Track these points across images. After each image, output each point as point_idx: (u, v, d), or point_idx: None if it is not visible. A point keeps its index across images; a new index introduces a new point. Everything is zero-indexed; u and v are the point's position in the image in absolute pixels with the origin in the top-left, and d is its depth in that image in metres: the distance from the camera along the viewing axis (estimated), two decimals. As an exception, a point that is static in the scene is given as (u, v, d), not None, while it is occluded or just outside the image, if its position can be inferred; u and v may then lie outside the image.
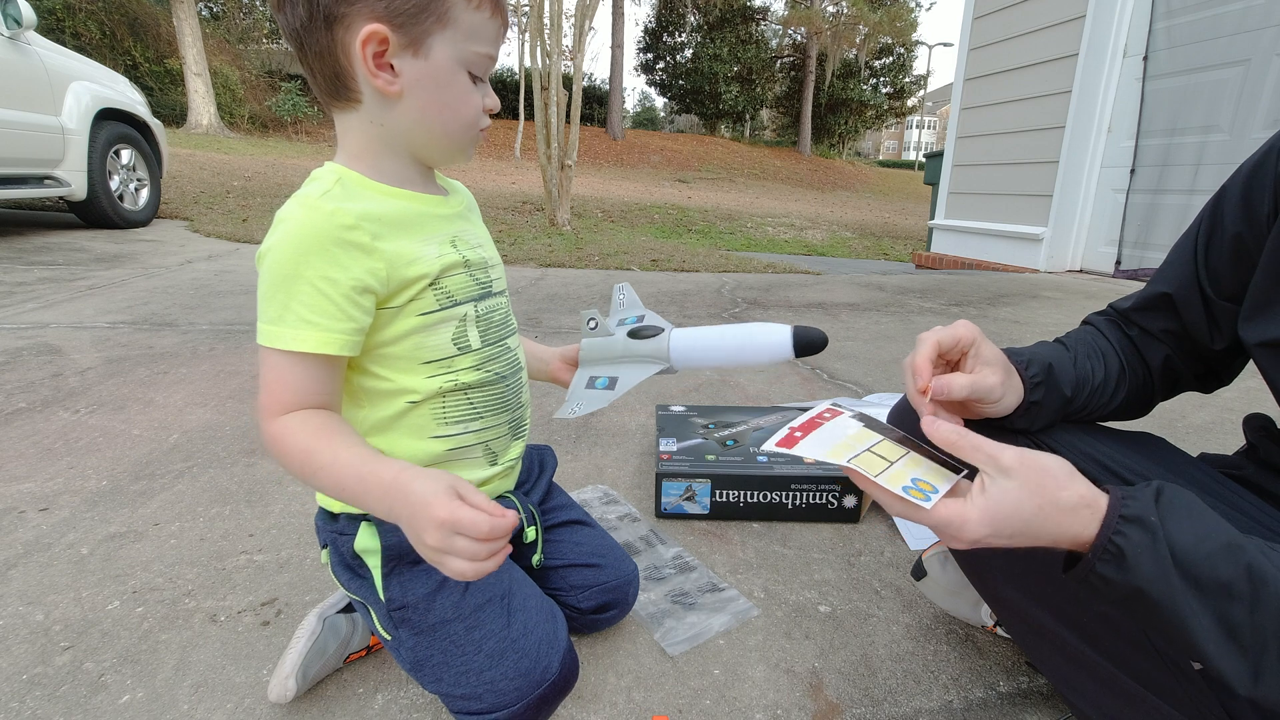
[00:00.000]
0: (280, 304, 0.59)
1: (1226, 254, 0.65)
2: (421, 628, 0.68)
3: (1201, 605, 0.44)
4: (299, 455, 0.58)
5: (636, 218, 7.98)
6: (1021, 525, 0.47)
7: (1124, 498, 0.47)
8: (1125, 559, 0.45)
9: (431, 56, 0.61)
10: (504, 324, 0.75)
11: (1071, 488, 0.48)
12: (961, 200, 5.20)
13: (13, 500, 1.14)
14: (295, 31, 0.60)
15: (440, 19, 0.60)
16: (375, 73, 0.60)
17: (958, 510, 0.48)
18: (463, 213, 0.75)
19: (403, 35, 0.59)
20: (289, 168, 9.11)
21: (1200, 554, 0.45)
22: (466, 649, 0.67)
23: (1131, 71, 4.03)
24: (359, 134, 0.65)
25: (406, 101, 0.62)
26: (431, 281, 0.65)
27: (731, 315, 2.82)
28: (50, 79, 3.59)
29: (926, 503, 0.49)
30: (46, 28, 11.52)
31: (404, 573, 0.69)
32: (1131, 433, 0.72)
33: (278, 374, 0.60)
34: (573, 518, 0.87)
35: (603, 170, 17.37)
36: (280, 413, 0.60)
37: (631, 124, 32.29)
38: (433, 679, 0.67)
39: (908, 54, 28.70)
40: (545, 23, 5.38)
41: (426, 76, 0.61)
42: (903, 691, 0.80)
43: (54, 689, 0.75)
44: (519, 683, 0.66)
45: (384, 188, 0.65)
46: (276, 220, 0.60)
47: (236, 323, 2.31)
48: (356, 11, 0.57)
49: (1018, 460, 0.48)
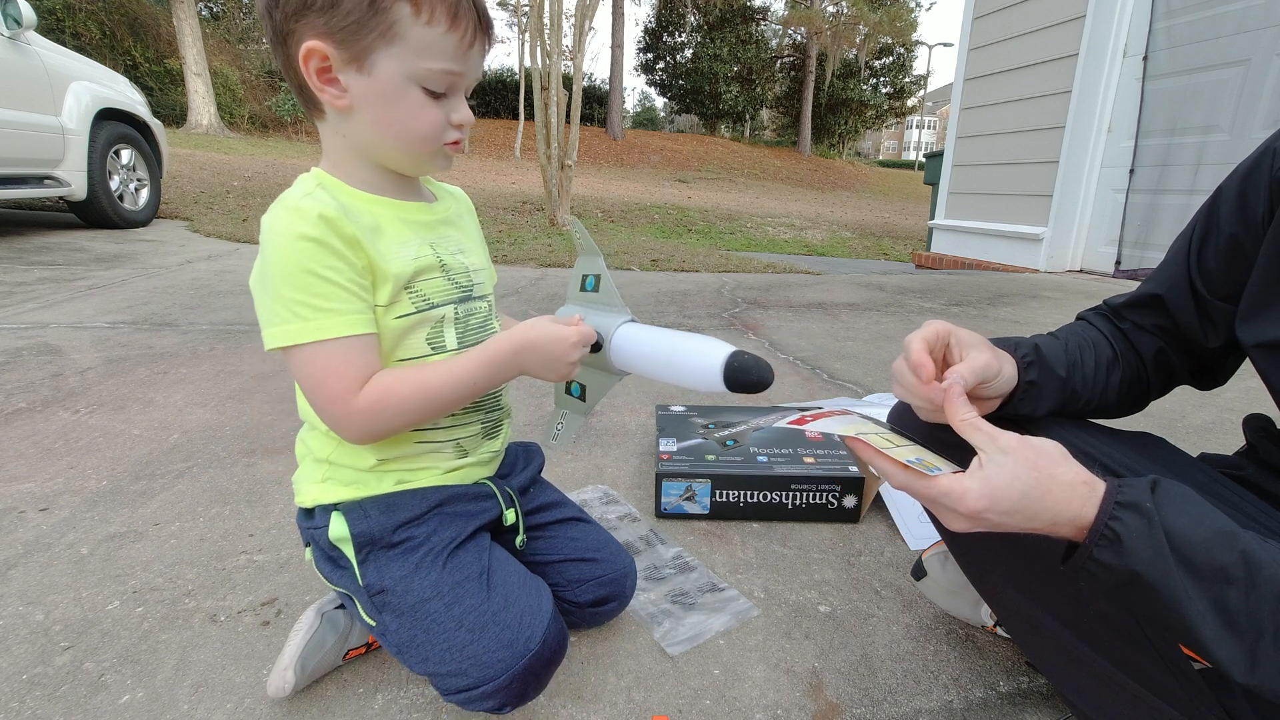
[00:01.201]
0: (291, 300, 0.60)
1: (1222, 255, 0.66)
2: (401, 609, 0.68)
3: (1198, 590, 0.44)
4: (414, 397, 0.64)
5: (636, 218, 7.98)
6: (1019, 499, 0.48)
7: (1120, 485, 0.48)
8: (1122, 543, 0.46)
9: (375, 72, 0.61)
10: (483, 327, 0.76)
11: (1068, 466, 0.49)
12: (961, 200, 5.20)
13: (13, 500, 1.14)
14: (270, 49, 0.64)
15: (384, 35, 0.60)
16: (321, 87, 0.62)
17: (957, 481, 0.50)
18: (449, 218, 0.76)
19: (344, 50, 0.60)
20: (289, 168, 9.12)
21: (1196, 538, 0.45)
22: (447, 625, 0.67)
23: (1131, 71, 4.03)
24: (331, 142, 0.67)
25: (357, 115, 0.64)
26: (406, 284, 0.67)
27: (731, 315, 2.82)
28: (50, 79, 3.59)
29: (931, 473, 0.51)
30: (46, 28, 11.52)
31: (379, 557, 0.70)
32: (1131, 432, 0.73)
33: (338, 358, 0.62)
34: (568, 515, 0.88)
35: (603, 170, 17.37)
36: (358, 389, 0.62)
37: (631, 124, 32.30)
38: (419, 659, 0.68)
39: (908, 54, 28.71)
40: (545, 23, 5.38)
41: (372, 92, 0.62)
42: (903, 691, 0.80)
43: (54, 689, 0.75)
44: (502, 654, 0.66)
45: (358, 193, 0.67)
46: (265, 229, 0.62)
47: (236, 323, 2.31)
48: (302, 28, 0.60)
49: (1017, 440, 0.50)
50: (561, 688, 0.79)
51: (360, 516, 0.70)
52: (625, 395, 1.79)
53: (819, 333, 2.55)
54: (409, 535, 0.70)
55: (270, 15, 0.61)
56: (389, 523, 0.70)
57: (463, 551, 0.72)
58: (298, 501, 0.75)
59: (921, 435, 0.65)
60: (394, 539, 0.70)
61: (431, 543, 0.71)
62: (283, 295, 0.60)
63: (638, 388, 1.85)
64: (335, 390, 0.62)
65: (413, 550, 0.70)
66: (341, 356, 0.62)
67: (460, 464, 0.76)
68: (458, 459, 0.76)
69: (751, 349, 2.29)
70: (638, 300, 3.06)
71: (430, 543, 0.71)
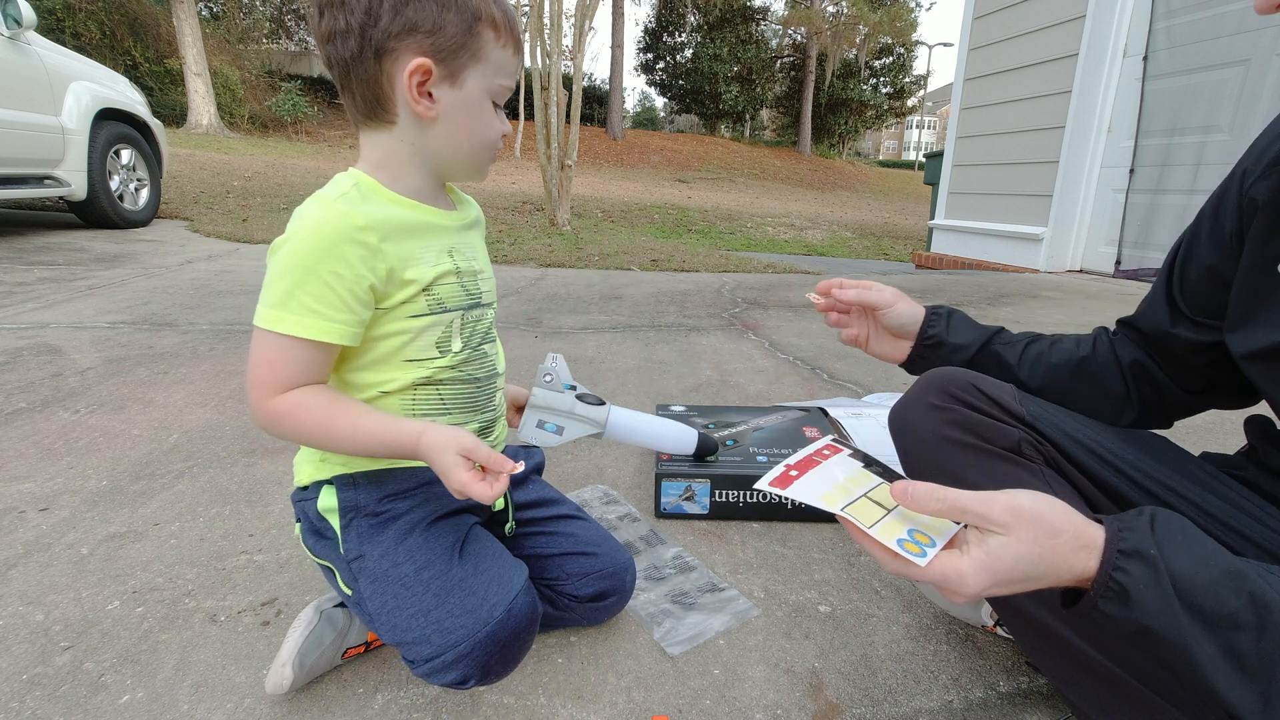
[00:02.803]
0: (286, 291, 0.64)
1: (1203, 279, 0.69)
2: (376, 574, 0.70)
3: (1207, 637, 0.44)
4: (316, 426, 0.66)
5: (636, 218, 7.98)
6: (1023, 574, 0.47)
7: (1120, 529, 0.47)
8: (1129, 596, 0.44)
9: (465, 87, 0.68)
10: (485, 333, 0.79)
11: (1067, 529, 0.47)
12: (961, 200, 5.20)
13: (13, 500, 1.14)
14: (344, 61, 0.66)
15: (475, 55, 0.68)
16: (417, 99, 0.67)
17: (953, 565, 0.47)
18: (468, 226, 0.80)
19: (443, 68, 0.66)
20: (289, 168, 9.11)
21: (1202, 581, 0.44)
22: (415, 588, 0.68)
23: (1131, 71, 4.03)
24: (386, 149, 0.71)
25: (440, 125, 0.69)
26: (425, 287, 0.70)
27: (731, 315, 2.82)
28: (50, 79, 3.59)
29: (921, 558, 0.48)
30: (46, 28, 11.52)
31: (360, 524, 0.72)
32: (1135, 431, 0.73)
33: (280, 355, 0.65)
34: (566, 512, 0.89)
35: (603, 170, 17.37)
36: (280, 390, 0.65)
37: (631, 124, 32.29)
38: (388, 627, 0.68)
39: (908, 54, 28.69)
40: (545, 23, 5.38)
41: (460, 104, 0.69)
42: (903, 691, 0.80)
43: (54, 689, 0.75)
44: (464, 620, 0.66)
45: (396, 197, 0.71)
46: (294, 216, 0.66)
47: (236, 323, 2.31)
48: (405, 47, 0.65)
49: (1009, 514, 0.47)
50: (561, 687, 0.79)
51: (348, 485, 0.73)
52: (625, 395, 1.79)
53: (819, 332, 2.55)
54: (392, 507, 0.73)
55: (364, 33, 0.64)
56: (376, 494, 0.73)
57: (442, 524, 0.74)
58: (296, 481, 0.78)
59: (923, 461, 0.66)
60: (378, 509, 0.73)
61: (413, 515, 0.73)
62: (281, 282, 0.64)
63: (638, 388, 1.85)
64: (262, 380, 0.65)
65: (393, 520, 0.73)
66: (286, 355, 0.65)
67: None
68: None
69: (751, 349, 2.29)
70: (638, 300, 3.06)
71: (412, 515, 0.73)
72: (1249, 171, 0.63)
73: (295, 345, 0.64)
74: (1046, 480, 0.65)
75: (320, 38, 0.67)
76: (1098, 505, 0.66)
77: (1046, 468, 0.67)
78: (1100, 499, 0.66)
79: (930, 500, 0.51)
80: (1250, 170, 0.63)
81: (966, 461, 0.68)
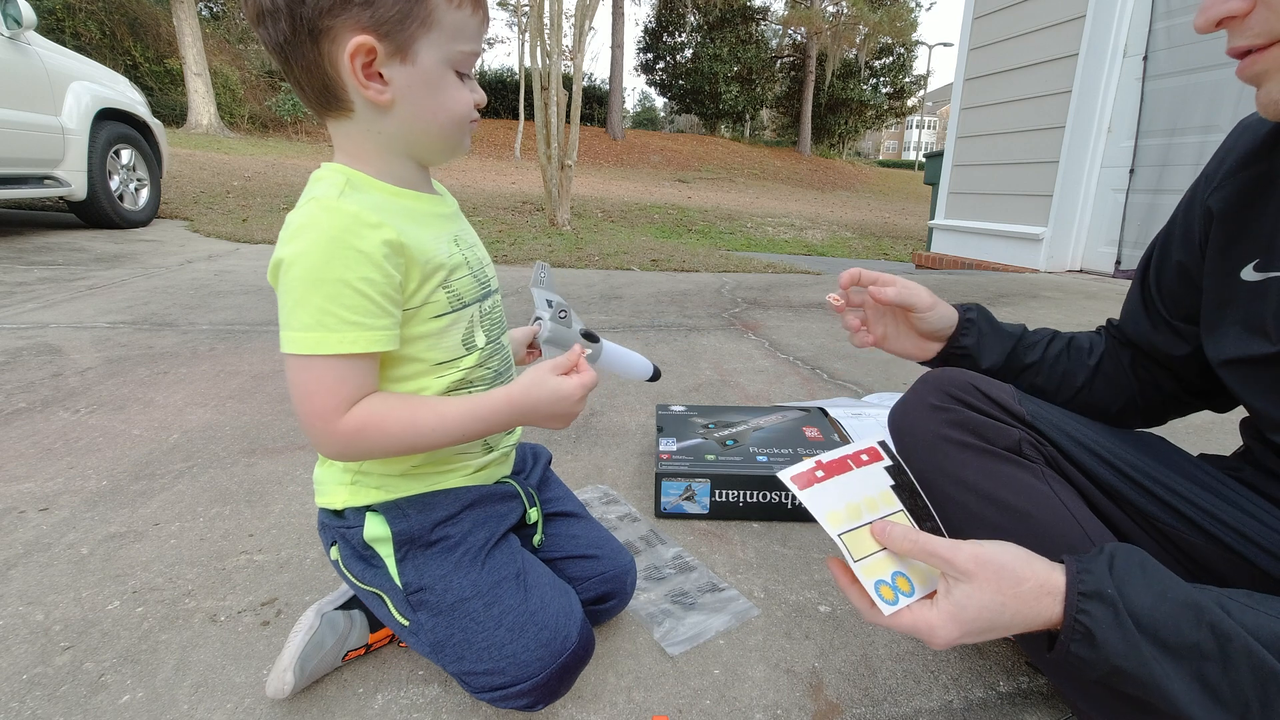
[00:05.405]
0: (319, 309, 0.58)
1: (1174, 279, 0.70)
2: (440, 608, 0.69)
3: (1176, 669, 0.45)
4: (401, 430, 0.63)
5: (636, 218, 7.98)
6: (988, 623, 0.48)
7: (1080, 572, 0.48)
8: (1095, 637, 0.46)
9: (419, 61, 0.61)
10: (500, 322, 0.78)
11: (1030, 577, 0.48)
12: (961, 200, 5.20)
13: (13, 500, 1.14)
14: (279, 46, 0.59)
15: (424, 23, 0.60)
16: (365, 84, 0.60)
17: (923, 618, 0.49)
18: (457, 213, 0.77)
19: (389, 43, 0.59)
20: (289, 168, 9.11)
21: (1162, 615, 0.45)
22: (486, 625, 0.68)
23: (1131, 71, 4.03)
24: (357, 140, 0.65)
25: (399, 108, 0.62)
26: (443, 281, 0.67)
27: (731, 315, 2.82)
28: (50, 79, 3.59)
29: (891, 605, 0.49)
30: (46, 28, 11.52)
31: (417, 556, 0.71)
32: (1134, 432, 0.73)
33: (332, 376, 0.60)
34: (567, 509, 0.89)
35: (603, 170, 17.36)
36: (346, 409, 0.61)
37: (631, 124, 32.29)
38: (454, 658, 0.68)
39: (908, 54, 28.69)
40: (545, 23, 5.38)
41: (417, 82, 0.62)
42: (903, 691, 0.80)
43: (54, 689, 0.75)
44: (540, 653, 0.67)
45: (391, 188, 0.66)
46: (296, 227, 0.60)
47: (236, 323, 2.31)
48: (341, 24, 0.57)
49: (974, 562, 0.49)
50: (561, 688, 0.79)
51: (399, 516, 0.71)
52: (625, 395, 1.79)
53: (819, 332, 2.55)
54: (446, 534, 0.72)
55: (293, 11, 0.56)
56: (427, 521, 0.71)
57: (498, 552, 0.73)
58: (323, 502, 0.75)
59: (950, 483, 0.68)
60: (432, 537, 0.71)
61: (469, 543, 0.72)
62: (310, 300, 0.58)
63: (638, 387, 1.85)
64: (322, 406, 0.60)
65: (450, 550, 0.71)
66: (338, 374, 0.60)
67: (486, 461, 0.78)
68: (484, 455, 0.78)
69: (751, 349, 2.30)
70: (638, 300, 3.06)
71: (467, 542, 0.72)
72: (1210, 177, 0.65)
73: (345, 363, 0.60)
74: (1047, 480, 0.65)
75: (250, 20, 0.60)
76: (1098, 505, 0.66)
77: (1047, 468, 0.67)
78: (1100, 499, 0.66)
79: (904, 541, 0.52)
80: (1211, 176, 0.65)
81: (967, 462, 0.68)
